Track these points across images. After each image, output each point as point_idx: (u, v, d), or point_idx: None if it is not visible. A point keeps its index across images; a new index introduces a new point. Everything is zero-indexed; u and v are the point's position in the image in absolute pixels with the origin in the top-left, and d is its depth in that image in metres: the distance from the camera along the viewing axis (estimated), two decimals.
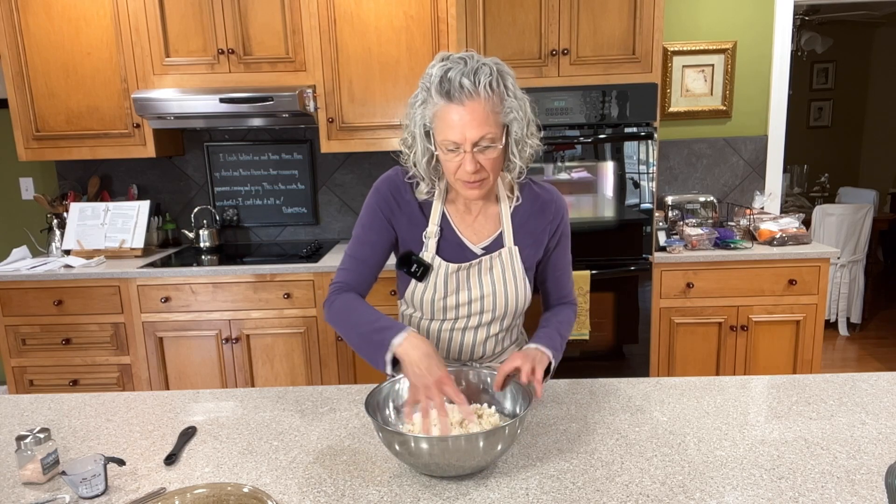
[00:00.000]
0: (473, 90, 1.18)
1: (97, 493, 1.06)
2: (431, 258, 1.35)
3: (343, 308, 1.31)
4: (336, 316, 1.32)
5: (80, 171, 3.41)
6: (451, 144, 1.22)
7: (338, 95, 2.98)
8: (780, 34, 3.24)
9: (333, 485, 1.09)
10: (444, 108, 1.20)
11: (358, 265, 1.37)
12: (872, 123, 6.39)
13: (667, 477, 1.08)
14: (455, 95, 1.18)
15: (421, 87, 1.26)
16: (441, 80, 1.20)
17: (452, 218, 1.38)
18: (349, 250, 1.39)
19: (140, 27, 2.93)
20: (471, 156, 1.21)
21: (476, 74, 1.18)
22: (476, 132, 1.19)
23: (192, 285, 2.84)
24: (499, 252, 1.37)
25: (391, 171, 1.40)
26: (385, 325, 1.24)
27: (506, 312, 1.40)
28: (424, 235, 1.36)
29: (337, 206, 3.46)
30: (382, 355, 1.21)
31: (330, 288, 1.37)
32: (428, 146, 1.28)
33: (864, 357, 4.16)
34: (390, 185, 1.38)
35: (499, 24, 2.67)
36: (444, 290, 1.36)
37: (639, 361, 2.90)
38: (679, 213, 3.20)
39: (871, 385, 1.43)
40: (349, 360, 2.92)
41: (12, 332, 2.90)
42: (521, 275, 1.39)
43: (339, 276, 1.38)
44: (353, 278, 1.37)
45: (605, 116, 2.69)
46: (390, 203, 1.37)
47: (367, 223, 1.38)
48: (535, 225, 1.40)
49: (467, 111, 1.18)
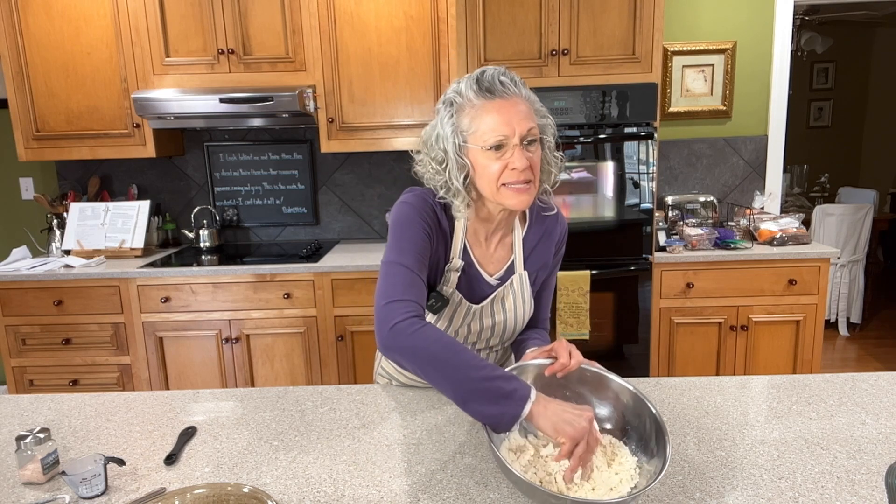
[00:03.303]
0: (513, 87, 1.18)
1: (97, 493, 1.06)
2: (451, 293, 1.33)
3: (443, 341, 1.10)
4: (431, 348, 1.09)
5: (80, 171, 3.41)
6: (496, 141, 1.16)
7: (338, 95, 2.98)
8: (780, 34, 3.24)
9: (333, 485, 1.09)
10: (485, 105, 1.17)
11: (419, 281, 1.20)
12: (872, 123, 6.39)
13: (667, 477, 1.08)
14: (498, 90, 1.17)
15: (445, 103, 1.22)
16: (479, 81, 1.18)
17: (473, 250, 1.35)
18: (403, 261, 1.20)
19: (140, 27, 2.93)
20: (521, 150, 1.17)
21: (510, 76, 1.19)
22: (524, 123, 1.17)
23: (192, 285, 2.84)
24: (510, 280, 1.36)
25: (420, 190, 1.30)
26: (504, 374, 1.07)
27: (512, 334, 1.42)
28: (447, 268, 1.32)
29: (337, 206, 3.46)
30: (514, 409, 1.02)
31: (394, 307, 1.13)
32: (462, 161, 1.21)
33: (864, 357, 4.16)
34: (428, 204, 1.28)
35: (499, 24, 2.67)
36: (459, 323, 1.35)
37: (639, 361, 2.90)
38: (679, 213, 3.20)
39: (871, 385, 1.43)
40: (349, 361, 2.92)
41: (12, 332, 2.90)
42: (528, 298, 1.39)
43: (402, 292, 1.16)
44: (419, 297, 1.19)
45: (605, 116, 2.69)
46: (433, 221, 1.28)
47: (415, 237, 1.23)
48: (544, 249, 1.41)
49: (512, 103, 1.17)
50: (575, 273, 2.74)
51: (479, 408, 1.05)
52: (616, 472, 1.04)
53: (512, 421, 1.03)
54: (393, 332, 1.11)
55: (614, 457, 1.09)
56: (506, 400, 1.03)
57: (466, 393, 1.06)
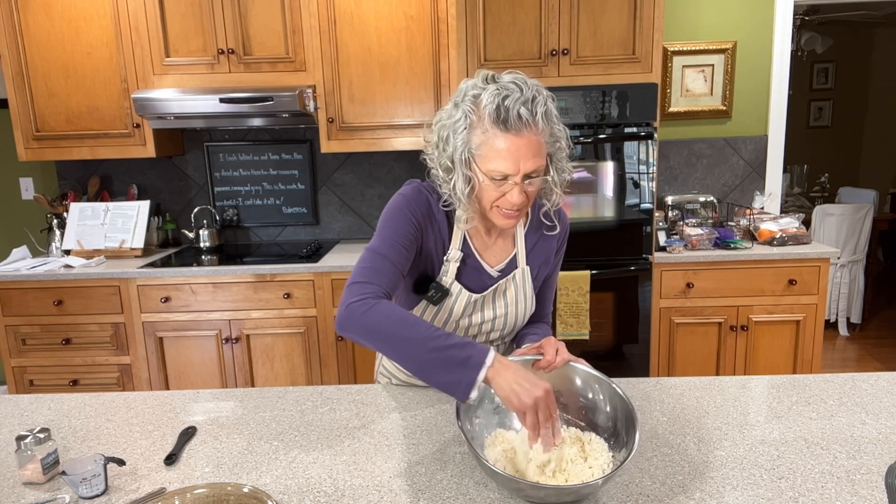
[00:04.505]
0: (531, 120, 1.13)
1: (97, 493, 1.06)
2: (450, 283, 1.32)
3: (394, 317, 1.11)
4: (383, 324, 1.11)
5: (80, 171, 3.41)
6: (500, 174, 1.16)
7: (338, 95, 2.98)
8: (780, 34, 3.24)
9: (333, 485, 1.09)
10: (496, 136, 1.14)
11: (389, 267, 1.21)
12: (872, 123, 6.39)
13: (667, 477, 1.08)
14: (513, 125, 1.12)
15: (461, 110, 1.17)
16: (498, 109, 1.12)
17: (473, 241, 1.34)
18: (378, 248, 1.23)
19: (140, 27, 2.93)
20: (520, 188, 1.16)
21: (533, 103, 1.13)
22: (531, 164, 1.15)
23: (192, 285, 2.84)
24: (513, 274, 1.36)
25: (418, 183, 1.32)
26: (459, 341, 1.08)
27: (513, 329, 1.42)
28: (446, 259, 1.32)
29: (337, 206, 3.46)
30: (469, 376, 1.04)
31: (353, 288, 1.16)
32: (469, 174, 1.20)
33: (864, 357, 4.16)
34: (423, 196, 1.30)
35: (499, 24, 2.67)
36: (459, 314, 1.35)
37: (639, 361, 2.90)
38: (679, 213, 3.20)
39: (871, 385, 1.43)
40: (349, 360, 2.92)
41: (12, 332, 2.90)
42: (530, 293, 1.40)
43: (366, 275, 1.19)
44: (385, 282, 1.19)
45: (605, 116, 2.69)
46: (424, 213, 1.29)
47: (398, 227, 1.25)
48: (546, 244, 1.41)
49: (524, 142, 1.13)
50: (575, 273, 2.74)
51: (435, 377, 1.07)
52: (590, 465, 1.06)
53: (468, 387, 1.04)
54: (347, 312, 1.14)
55: (591, 451, 1.10)
56: (460, 367, 1.05)
57: (422, 364, 1.08)
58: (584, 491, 0.98)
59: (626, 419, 1.11)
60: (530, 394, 1.02)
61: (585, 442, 1.13)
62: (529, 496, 1.00)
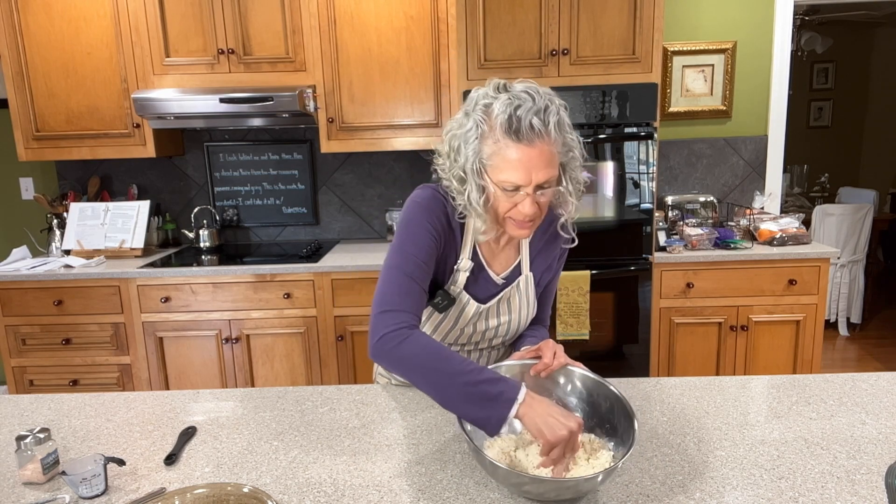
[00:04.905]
0: (544, 130, 1.11)
1: (97, 493, 1.06)
2: (458, 293, 1.32)
3: (428, 350, 1.12)
4: (416, 358, 1.12)
5: (80, 171, 3.41)
6: (511, 185, 1.15)
7: (338, 95, 2.98)
8: (780, 34, 3.24)
9: (333, 485, 1.09)
10: (508, 147, 1.12)
11: (416, 289, 1.21)
12: (872, 123, 6.39)
13: (667, 477, 1.08)
14: (525, 136, 1.10)
15: (472, 119, 1.16)
16: (510, 119, 1.11)
17: (482, 249, 1.34)
18: (403, 266, 1.22)
19: (140, 27, 2.93)
20: (532, 199, 1.15)
21: (546, 113, 1.12)
22: (543, 174, 1.13)
23: (192, 285, 2.84)
24: (517, 281, 1.37)
25: (433, 188, 1.30)
26: (491, 377, 1.08)
27: (515, 334, 1.43)
28: (456, 268, 1.32)
29: (337, 206, 3.46)
30: (500, 413, 1.04)
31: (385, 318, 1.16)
32: (482, 183, 1.18)
33: (864, 357, 4.16)
34: (440, 204, 1.27)
35: (499, 24, 2.67)
36: (464, 322, 1.35)
37: (639, 361, 2.90)
38: (679, 213, 3.20)
39: (871, 385, 1.43)
40: (349, 361, 2.92)
41: (12, 332, 2.90)
42: (533, 299, 1.40)
43: (395, 303, 1.18)
44: (413, 306, 1.20)
45: (605, 116, 2.69)
46: (444, 223, 1.28)
47: (420, 242, 1.24)
48: (549, 251, 1.41)
49: (536, 152, 1.11)
50: (575, 273, 2.74)
51: (467, 412, 1.07)
52: (593, 466, 1.07)
53: (499, 423, 1.05)
54: (380, 343, 1.14)
55: (591, 451, 1.11)
56: (491, 403, 1.05)
57: (454, 398, 1.08)
58: (584, 486, 0.98)
59: (625, 419, 1.11)
60: (565, 426, 1.02)
61: (585, 442, 1.13)
62: (530, 492, 1.00)
